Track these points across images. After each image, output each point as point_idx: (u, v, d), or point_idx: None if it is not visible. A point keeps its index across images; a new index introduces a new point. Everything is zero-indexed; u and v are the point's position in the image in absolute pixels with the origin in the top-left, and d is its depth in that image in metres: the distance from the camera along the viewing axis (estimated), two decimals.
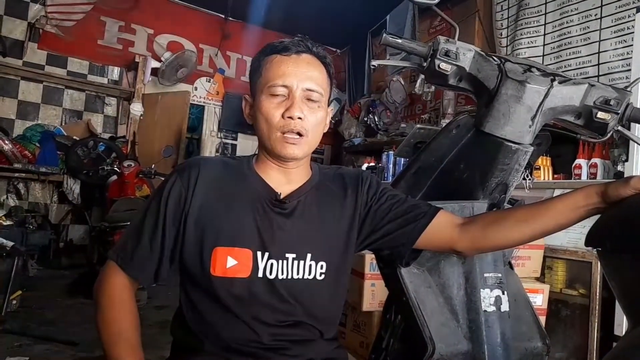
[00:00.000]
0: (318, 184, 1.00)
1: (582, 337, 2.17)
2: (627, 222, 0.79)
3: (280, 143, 0.90)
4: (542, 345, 1.15)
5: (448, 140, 1.18)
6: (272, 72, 0.90)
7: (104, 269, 0.95)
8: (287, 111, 0.88)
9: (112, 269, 0.93)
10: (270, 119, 0.89)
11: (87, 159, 4.44)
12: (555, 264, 2.35)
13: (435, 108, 4.41)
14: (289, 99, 0.90)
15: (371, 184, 1.02)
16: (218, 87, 5.57)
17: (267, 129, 0.90)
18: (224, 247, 0.89)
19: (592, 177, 2.44)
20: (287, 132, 0.89)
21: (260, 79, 0.92)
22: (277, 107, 0.89)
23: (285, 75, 0.89)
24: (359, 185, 1.01)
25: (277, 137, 0.90)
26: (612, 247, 0.78)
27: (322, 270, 0.93)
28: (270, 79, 0.90)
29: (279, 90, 0.89)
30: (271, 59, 0.91)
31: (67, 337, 2.55)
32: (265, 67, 0.91)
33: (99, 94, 5.04)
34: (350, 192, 1.00)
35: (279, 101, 0.90)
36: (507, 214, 0.94)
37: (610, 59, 2.84)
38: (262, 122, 0.91)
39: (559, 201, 0.90)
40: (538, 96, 1.02)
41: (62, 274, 4.07)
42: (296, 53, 0.91)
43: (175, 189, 0.92)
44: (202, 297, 0.91)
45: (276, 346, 0.89)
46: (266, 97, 0.90)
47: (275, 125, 0.89)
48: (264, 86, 0.90)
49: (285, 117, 0.88)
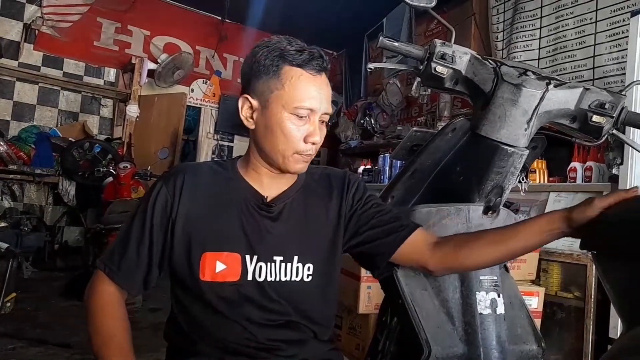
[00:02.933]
0: (304, 185, 1.00)
1: (577, 339, 2.17)
2: (622, 225, 0.79)
3: (294, 161, 0.90)
4: (537, 347, 1.16)
5: (444, 143, 1.18)
6: (299, 91, 0.87)
7: (93, 278, 0.95)
8: (309, 137, 0.88)
9: (100, 278, 0.93)
10: (291, 139, 0.88)
11: (83, 160, 4.43)
12: (551, 267, 2.35)
13: (432, 111, 4.43)
14: (310, 122, 0.89)
15: (358, 187, 1.02)
16: (214, 89, 5.57)
17: (284, 147, 0.89)
18: (212, 252, 0.90)
19: (587, 180, 2.45)
20: (304, 155, 0.90)
21: (282, 92, 0.87)
22: (299, 129, 0.88)
23: (312, 98, 0.88)
24: (344, 187, 1.01)
25: (294, 156, 0.90)
26: (606, 250, 0.78)
27: (309, 272, 0.94)
28: (298, 99, 0.87)
29: (304, 113, 0.88)
30: (296, 75, 0.87)
31: (62, 340, 2.54)
32: (290, 80, 0.87)
33: (95, 96, 5.03)
34: (336, 194, 1.00)
35: (301, 123, 0.88)
36: (477, 237, 0.94)
37: (605, 63, 2.86)
38: (279, 139, 0.88)
39: (525, 225, 0.91)
40: (533, 100, 1.02)
41: (57, 276, 4.05)
42: (318, 72, 0.89)
43: (161, 197, 0.92)
44: (193, 302, 0.91)
45: (271, 346, 0.89)
46: (290, 116, 0.87)
47: (295, 147, 0.89)
48: (289, 103, 0.87)
49: (308, 142, 0.89)
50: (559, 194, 2.52)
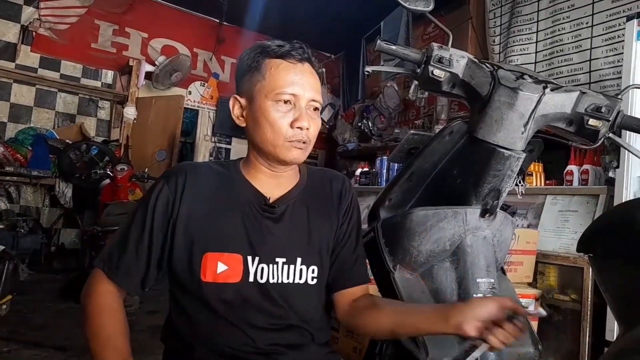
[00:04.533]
0: (306, 187, 1.00)
1: (574, 342, 2.17)
2: (618, 227, 0.79)
3: (286, 149, 0.90)
4: (534, 350, 1.16)
5: (441, 146, 1.19)
6: (279, 79, 0.89)
7: (91, 276, 0.94)
8: (296, 121, 0.89)
9: (98, 276, 0.93)
10: (278, 127, 0.89)
11: (80, 162, 4.41)
12: (547, 270, 2.36)
13: (429, 114, 4.44)
14: (296, 108, 0.90)
15: (349, 206, 1.04)
16: (212, 91, 5.57)
17: (273, 136, 0.89)
18: (213, 252, 0.89)
19: (583, 183, 2.46)
20: (294, 141, 0.90)
21: (263, 83, 0.90)
22: (284, 116, 0.89)
23: (293, 84, 0.89)
24: (341, 197, 1.03)
25: (284, 144, 0.90)
26: (603, 253, 0.79)
27: (313, 274, 0.94)
28: (278, 86, 0.89)
29: (286, 97, 0.89)
30: (276, 64, 0.90)
31: (57, 342, 2.52)
32: (270, 71, 0.90)
33: (93, 98, 5.02)
34: (335, 201, 1.02)
35: (286, 109, 0.89)
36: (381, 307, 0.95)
37: (602, 67, 2.87)
38: (267, 129, 0.89)
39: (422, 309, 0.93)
40: (530, 103, 1.03)
41: (53, 278, 4.03)
42: (300, 61, 0.91)
43: (163, 196, 0.92)
44: (192, 304, 0.90)
45: (270, 350, 0.88)
46: (272, 103, 0.89)
47: (283, 134, 0.89)
48: (270, 91, 0.89)
49: (295, 127, 0.89)
50: (555, 197, 2.53)
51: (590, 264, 0.82)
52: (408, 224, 1.13)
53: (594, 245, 0.83)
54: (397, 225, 1.15)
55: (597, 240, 0.83)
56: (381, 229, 1.19)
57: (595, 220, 0.89)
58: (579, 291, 2.20)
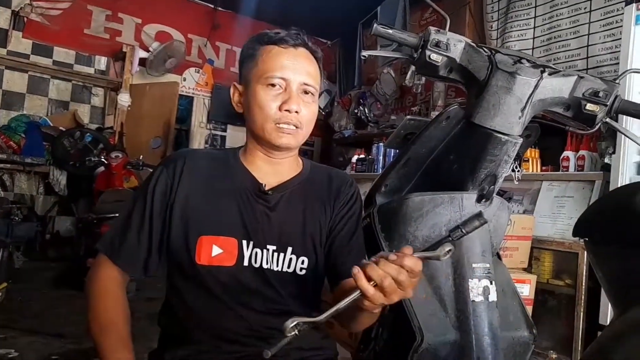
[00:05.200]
0: (306, 180, 1.00)
1: (568, 326, 2.20)
2: (615, 212, 0.79)
3: (275, 133, 0.90)
4: (529, 334, 1.17)
5: (438, 131, 1.18)
6: (270, 64, 0.90)
7: (95, 262, 0.95)
8: (284, 104, 0.89)
9: (102, 261, 0.94)
10: (266, 109, 0.89)
11: (74, 150, 4.38)
12: (543, 255, 2.37)
13: (426, 100, 4.42)
14: (286, 91, 0.90)
15: (351, 198, 1.03)
16: (207, 78, 5.51)
17: (261, 119, 0.90)
18: (209, 235, 0.90)
19: (579, 169, 2.47)
20: (282, 123, 0.90)
21: (256, 69, 0.91)
22: (273, 99, 0.90)
23: (283, 67, 0.90)
24: (340, 190, 1.02)
25: (272, 127, 0.90)
26: (599, 238, 0.79)
27: (302, 265, 0.94)
28: (268, 70, 0.90)
29: (276, 82, 0.90)
30: (268, 50, 0.91)
31: (54, 330, 2.53)
32: (262, 57, 0.91)
33: (86, 84, 4.97)
34: (333, 195, 1.01)
35: (276, 93, 0.90)
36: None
37: (599, 53, 2.86)
38: (257, 112, 0.90)
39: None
40: (528, 87, 1.02)
41: (48, 266, 4.03)
42: (293, 46, 0.92)
43: (162, 181, 0.93)
44: (189, 287, 0.91)
45: (266, 334, 0.89)
46: (262, 87, 0.90)
47: (271, 117, 0.89)
48: (260, 76, 0.90)
49: (283, 110, 0.89)
50: (551, 183, 2.53)
51: (586, 248, 0.82)
52: (404, 210, 1.12)
53: (590, 229, 0.83)
54: (393, 211, 1.15)
55: (593, 224, 0.83)
56: (377, 215, 1.19)
57: (591, 205, 0.89)
58: (573, 276, 2.22)
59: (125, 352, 0.86)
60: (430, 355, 1.01)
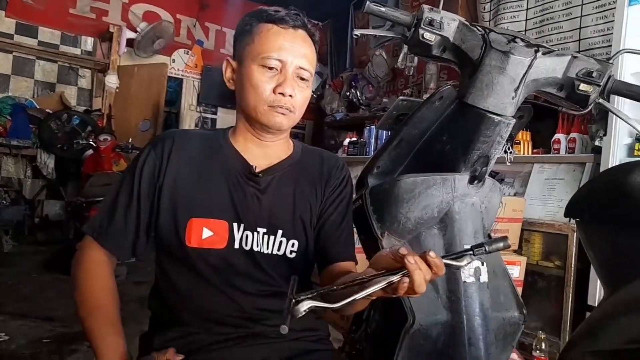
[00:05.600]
0: (297, 162, 0.99)
1: (557, 307, 2.23)
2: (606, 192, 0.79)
3: (267, 114, 0.89)
4: (519, 314, 1.18)
5: (431, 112, 1.17)
6: (267, 43, 0.88)
7: (81, 244, 0.94)
8: (279, 87, 0.87)
9: (88, 243, 0.92)
10: (260, 91, 0.88)
11: (61, 132, 4.32)
12: (533, 237, 2.40)
13: (418, 83, 4.40)
14: (281, 74, 0.88)
15: (342, 181, 1.02)
16: (197, 59, 5.43)
17: (255, 100, 0.89)
18: (199, 218, 0.89)
19: (570, 151, 2.47)
20: (276, 106, 0.88)
21: (252, 46, 0.89)
22: (268, 81, 0.88)
23: (281, 49, 0.88)
24: (331, 173, 1.01)
25: (265, 109, 0.89)
26: (591, 218, 0.79)
27: (293, 248, 0.93)
28: (265, 50, 0.87)
29: (272, 63, 0.87)
30: (267, 28, 0.89)
31: (44, 313, 2.52)
32: (259, 35, 0.89)
33: (72, 66, 4.87)
34: (324, 178, 1.00)
35: (271, 75, 0.88)
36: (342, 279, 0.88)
37: (591, 35, 2.85)
38: (250, 92, 0.89)
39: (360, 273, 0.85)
40: (521, 67, 1.01)
41: (38, 250, 4.00)
42: (293, 27, 0.90)
43: (150, 162, 0.91)
44: (178, 269, 0.90)
45: (257, 316, 0.88)
46: (258, 67, 0.88)
47: (265, 99, 0.88)
48: (257, 55, 0.88)
49: (277, 93, 0.87)
50: (542, 166, 2.54)
51: (577, 228, 0.82)
52: (396, 191, 1.12)
53: (581, 210, 0.83)
54: (385, 193, 1.14)
55: (585, 205, 0.83)
56: (369, 197, 1.18)
57: (583, 186, 0.89)
58: (562, 258, 2.24)
59: (114, 335, 0.84)
60: (422, 336, 1.02)
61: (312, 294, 0.60)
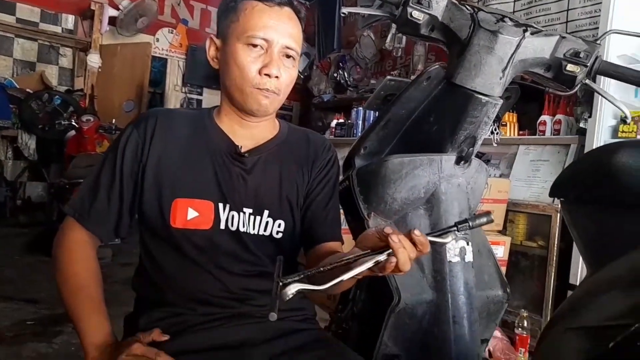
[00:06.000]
0: (283, 142, 0.97)
1: (540, 286, 2.28)
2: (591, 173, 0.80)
3: (253, 97, 0.87)
4: (502, 293, 1.20)
5: (418, 92, 1.16)
6: (252, 21, 0.85)
7: (62, 225, 0.92)
8: (265, 68, 0.85)
9: (70, 224, 0.91)
10: (245, 72, 0.86)
11: (43, 113, 4.22)
12: (517, 218, 2.43)
13: (406, 64, 4.38)
14: (267, 53, 0.86)
15: (329, 162, 1.01)
16: (181, 39, 5.32)
17: (240, 81, 0.87)
18: (184, 198, 0.87)
19: (555, 133, 2.49)
20: (262, 89, 0.86)
21: (236, 24, 0.86)
22: (254, 61, 0.86)
23: (267, 27, 0.85)
24: (318, 154, 1.00)
25: (251, 91, 0.87)
26: (575, 198, 0.79)
27: (279, 228, 0.93)
28: (250, 28, 0.85)
29: (258, 42, 0.85)
30: (252, 5, 0.86)
31: (27, 295, 2.50)
32: (244, 12, 0.86)
33: (53, 44, 4.74)
34: (311, 159, 0.99)
35: (257, 54, 0.86)
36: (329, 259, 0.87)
37: (579, 17, 2.85)
38: (235, 73, 0.87)
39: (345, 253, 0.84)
40: (510, 47, 1.00)
41: (20, 232, 3.94)
42: (279, 5, 0.87)
43: (132, 141, 0.89)
44: (163, 250, 0.89)
45: (243, 296, 0.88)
46: (243, 46, 0.86)
47: (250, 80, 0.86)
48: (242, 34, 0.85)
49: (262, 74, 0.85)
50: (528, 147, 2.56)
51: (562, 208, 0.83)
52: (383, 172, 1.12)
53: (566, 189, 0.83)
54: (372, 173, 1.14)
55: (570, 184, 0.84)
56: (356, 177, 1.18)
57: (568, 166, 0.90)
58: (546, 238, 2.28)
59: (98, 316, 0.84)
60: (407, 315, 1.03)
61: (299, 276, 0.59)
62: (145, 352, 0.77)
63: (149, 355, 0.76)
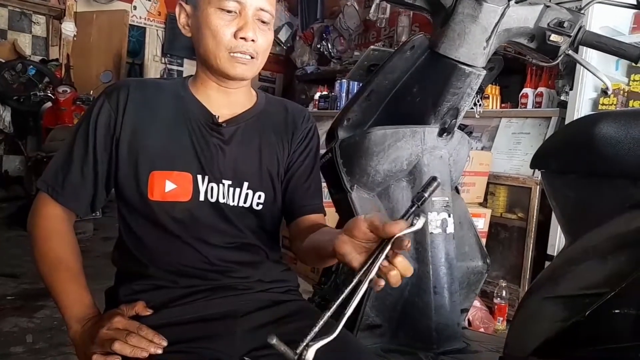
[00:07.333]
0: (262, 112, 0.95)
1: (518, 256, 2.33)
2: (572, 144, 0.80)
3: (229, 62, 0.84)
4: (482, 264, 1.22)
5: (402, 62, 1.15)
6: None
7: (36, 200, 0.89)
8: (240, 31, 0.82)
9: (44, 200, 0.88)
10: (220, 37, 0.83)
11: (17, 83, 4.09)
12: (498, 190, 2.46)
13: (390, 36, 4.32)
14: (241, 17, 0.83)
15: (309, 132, 0.99)
16: (160, 6, 5.15)
17: (214, 47, 0.84)
18: (161, 170, 0.85)
19: (537, 105, 2.51)
20: (237, 52, 0.84)
21: None
22: (227, 25, 0.83)
23: None
24: (298, 124, 0.98)
25: (226, 57, 0.84)
26: (557, 168, 0.80)
27: (259, 200, 0.92)
28: None
29: (230, 5, 0.82)
30: None
31: (8, 270, 2.46)
32: None
33: (25, 11, 4.55)
34: (290, 129, 0.97)
35: (230, 18, 0.83)
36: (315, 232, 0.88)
37: None
38: (209, 39, 0.84)
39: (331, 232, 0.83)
40: (494, 16, 0.99)
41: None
42: None
43: (104, 113, 0.86)
44: (142, 223, 0.87)
45: (224, 268, 0.87)
46: (215, 11, 0.82)
47: (225, 45, 0.83)
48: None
49: (238, 38, 0.83)
50: (510, 120, 2.58)
51: (542, 179, 0.83)
52: (366, 144, 1.11)
53: (547, 161, 0.84)
54: (355, 146, 1.13)
55: (550, 156, 0.84)
56: (339, 149, 1.17)
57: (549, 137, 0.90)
58: (525, 210, 2.32)
59: (78, 288, 0.82)
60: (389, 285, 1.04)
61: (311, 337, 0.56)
62: (127, 326, 0.76)
63: (130, 328, 0.76)
